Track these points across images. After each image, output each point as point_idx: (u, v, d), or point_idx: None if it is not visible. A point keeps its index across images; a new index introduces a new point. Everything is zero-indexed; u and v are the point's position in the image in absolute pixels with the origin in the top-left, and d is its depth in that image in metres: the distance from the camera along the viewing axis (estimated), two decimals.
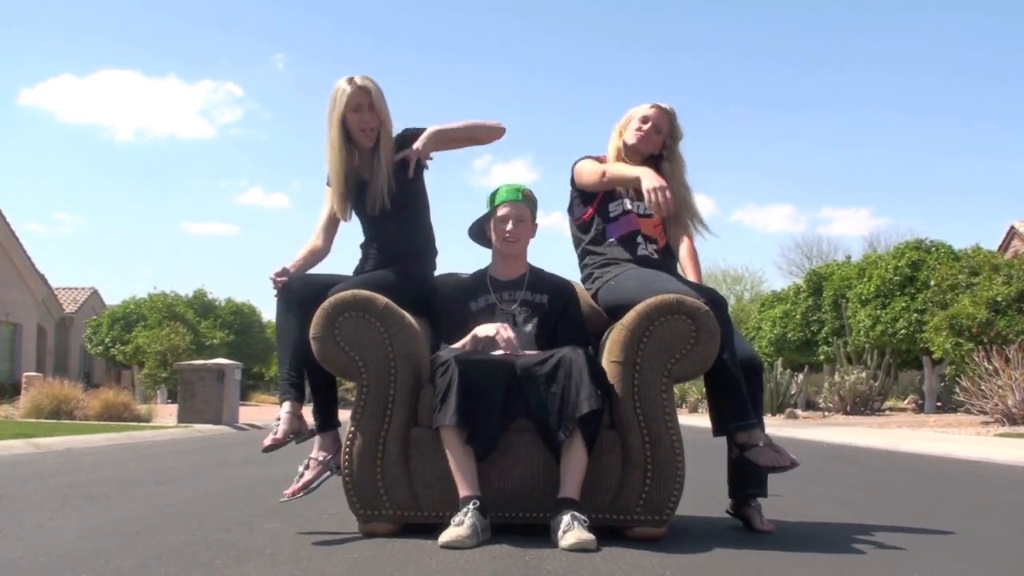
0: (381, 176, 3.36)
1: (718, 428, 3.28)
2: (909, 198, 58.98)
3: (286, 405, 3.20)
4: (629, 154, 3.59)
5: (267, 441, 3.17)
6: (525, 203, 3.40)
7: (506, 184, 3.46)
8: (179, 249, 65.37)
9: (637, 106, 3.64)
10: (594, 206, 3.58)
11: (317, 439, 3.29)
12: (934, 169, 59.81)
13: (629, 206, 3.55)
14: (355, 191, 3.44)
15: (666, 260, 3.57)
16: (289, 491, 3.20)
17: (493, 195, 3.44)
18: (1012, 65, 53.94)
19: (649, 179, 3.23)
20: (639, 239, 3.52)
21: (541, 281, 3.43)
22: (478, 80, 66.17)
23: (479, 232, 3.49)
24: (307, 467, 3.24)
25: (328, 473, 3.25)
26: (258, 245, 66.80)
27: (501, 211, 3.37)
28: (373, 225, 3.49)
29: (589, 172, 3.53)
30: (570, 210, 3.68)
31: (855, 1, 58.08)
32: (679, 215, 3.56)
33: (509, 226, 3.35)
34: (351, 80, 3.34)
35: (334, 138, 3.36)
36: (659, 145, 3.60)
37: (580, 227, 3.62)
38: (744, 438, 3.21)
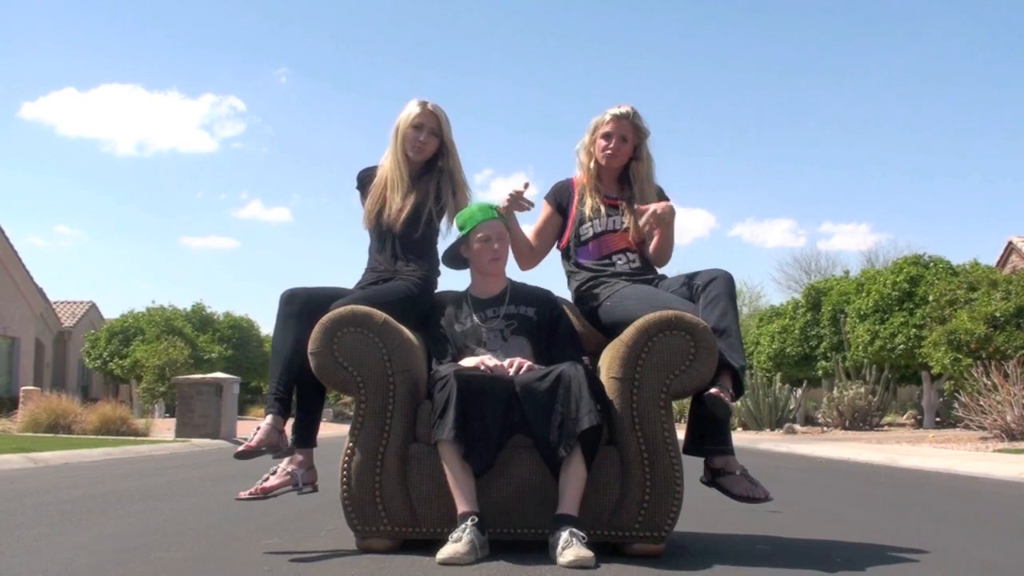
0: (428, 193, 3.47)
1: (694, 448, 3.29)
2: (908, 213, 59.10)
3: (269, 418, 3.20)
4: (604, 173, 3.60)
5: (241, 447, 3.17)
6: (500, 219, 3.43)
7: (476, 204, 3.47)
8: (178, 263, 65.33)
9: (599, 115, 3.60)
10: (568, 233, 3.61)
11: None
12: (933, 185, 60.00)
13: (599, 227, 3.56)
14: (384, 203, 3.51)
15: (645, 270, 3.57)
16: (247, 492, 3.19)
17: (464, 217, 3.43)
18: (1010, 81, 54.17)
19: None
20: (614, 256, 3.55)
21: (523, 294, 3.44)
22: (479, 94, 66.37)
23: (454, 257, 3.50)
24: (274, 473, 3.24)
25: (291, 487, 3.24)
26: (258, 259, 66.84)
27: (482, 232, 3.38)
28: (390, 239, 3.51)
29: None
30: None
31: (856, 17, 58.39)
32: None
33: (496, 246, 3.38)
34: (423, 102, 3.50)
35: (392, 150, 3.50)
36: (629, 153, 3.60)
37: (561, 253, 3.68)
38: (721, 463, 3.27)
